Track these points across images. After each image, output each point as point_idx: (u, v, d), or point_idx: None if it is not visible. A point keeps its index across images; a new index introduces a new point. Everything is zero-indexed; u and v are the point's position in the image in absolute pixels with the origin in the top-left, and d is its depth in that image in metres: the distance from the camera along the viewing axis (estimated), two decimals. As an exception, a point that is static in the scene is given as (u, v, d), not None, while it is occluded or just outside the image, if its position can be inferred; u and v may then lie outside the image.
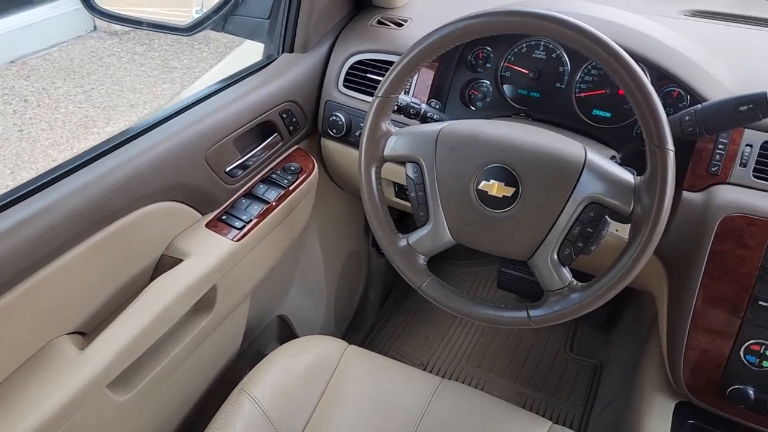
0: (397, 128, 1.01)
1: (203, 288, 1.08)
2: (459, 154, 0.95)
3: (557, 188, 0.89)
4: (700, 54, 1.14)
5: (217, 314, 1.15)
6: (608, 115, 1.18)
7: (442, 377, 1.19)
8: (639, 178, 0.87)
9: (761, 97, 0.89)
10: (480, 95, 1.29)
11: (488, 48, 1.27)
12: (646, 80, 0.82)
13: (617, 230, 1.12)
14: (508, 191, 0.92)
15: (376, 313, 2.05)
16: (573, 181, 0.88)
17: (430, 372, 1.85)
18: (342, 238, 1.72)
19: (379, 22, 1.38)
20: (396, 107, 1.11)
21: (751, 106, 0.90)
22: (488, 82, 1.27)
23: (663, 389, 1.20)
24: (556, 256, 0.92)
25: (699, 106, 0.96)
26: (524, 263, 0.96)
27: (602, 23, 1.14)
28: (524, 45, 1.25)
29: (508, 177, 0.92)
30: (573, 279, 0.93)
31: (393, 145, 1.00)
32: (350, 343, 1.25)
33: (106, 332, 0.94)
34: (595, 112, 1.19)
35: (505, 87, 1.27)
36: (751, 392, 1.04)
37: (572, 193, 0.89)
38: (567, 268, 0.93)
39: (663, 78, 1.10)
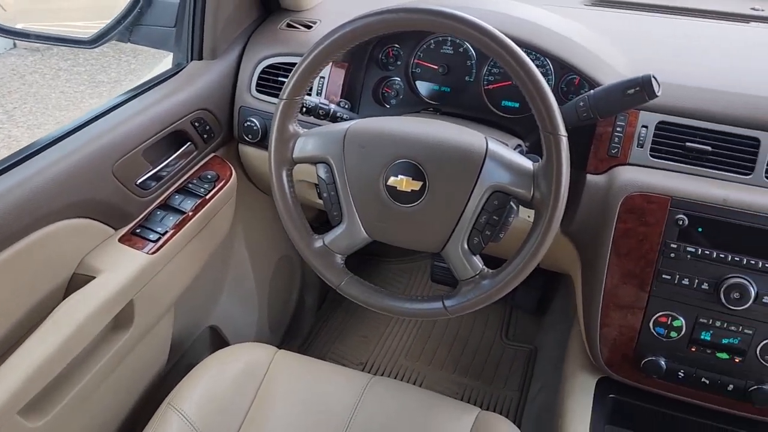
0: (306, 130, 1.02)
1: (119, 304, 1.06)
2: (367, 152, 0.96)
3: (462, 179, 0.91)
4: (598, 42, 1.18)
5: (137, 330, 1.13)
6: (516, 105, 1.21)
7: (381, 374, 1.20)
8: (537, 164, 0.89)
9: (646, 80, 0.93)
10: (393, 93, 1.31)
11: (397, 46, 1.28)
12: (535, 70, 0.85)
13: (529, 216, 1.15)
14: (416, 185, 0.93)
15: (314, 316, 2.05)
16: (476, 171, 0.91)
17: (369, 370, 1.86)
18: (271, 244, 1.71)
19: (289, 25, 1.38)
20: (304, 109, 1.11)
21: (637, 89, 0.94)
22: (400, 80, 1.29)
23: (585, 367, 1.24)
24: (466, 246, 0.94)
25: (591, 91, 1.00)
26: None
27: (500, 17, 1.17)
28: (432, 41, 1.27)
29: (415, 171, 0.93)
30: (484, 267, 0.95)
31: (301, 147, 1.00)
32: (288, 348, 1.25)
33: (15, 356, 0.91)
34: (504, 103, 1.22)
35: (418, 83, 1.29)
36: (662, 363, 1.09)
37: (476, 183, 0.91)
38: (478, 256, 0.96)
39: (563, 67, 1.13)
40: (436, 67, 1.27)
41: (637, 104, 0.96)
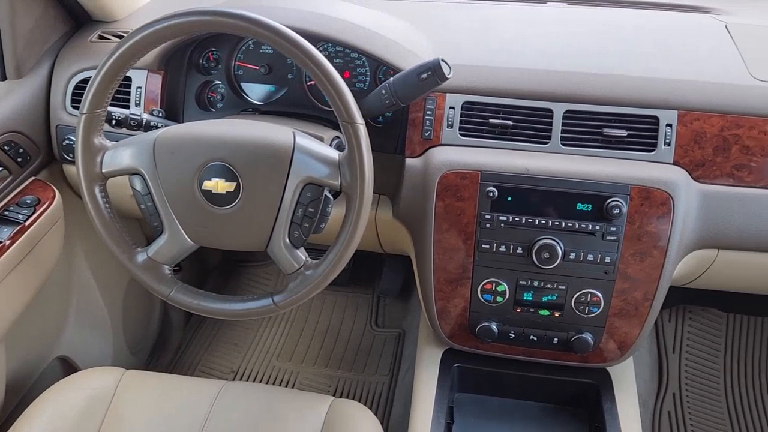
0: (113, 142, 0.99)
1: None
2: (178, 158, 0.95)
3: (274, 176, 0.93)
4: (401, 30, 1.23)
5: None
6: None
7: (254, 379, 1.19)
8: (342, 153, 0.93)
9: (436, 63, 0.99)
10: (218, 97, 1.30)
11: (214, 49, 1.28)
12: (327, 63, 0.88)
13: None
14: (231, 186, 0.94)
15: (182, 331, 2.00)
16: (286, 166, 0.92)
17: (240, 377, 1.84)
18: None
19: (101, 37, 1.33)
20: (114, 121, 1.08)
21: (429, 73, 0.99)
22: (222, 83, 1.29)
23: (431, 341, 1.30)
24: (288, 240, 0.96)
25: (391, 79, 1.04)
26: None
27: (294, 13, 1.20)
28: (251, 42, 1.28)
29: (227, 173, 0.94)
30: (308, 258, 0.97)
31: (110, 160, 0.97)
32: (156, 368, 1.21)
33: None
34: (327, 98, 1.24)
35: (243, 85, 1.29)
36: (494, 327, 1.17)
37: (288, 177, 0.93)
38: (302, 249, 0.98)
39: (374, 58, 1.17)
40: (257, 67, 1.27)
41: (433, 87, 1.02)
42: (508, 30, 1.27)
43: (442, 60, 1.00)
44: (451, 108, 1.13)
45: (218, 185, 0.94)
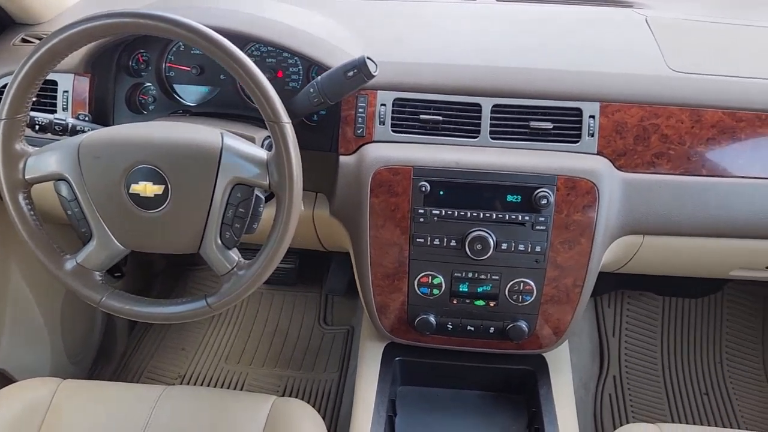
0: (36, 148, 0.97)
1: None
2: (103, 162, 0.94)
3: (202, 177, 0.92)
4: (332, 28, 1.24)
5: None
6: None
7: (202, 383, 1.18)
8: (270, 153, 0.93)
9: (361, 61, 1.00)
10: (149, 99, 1.28)
11: (143, 50, 1.26)
12: (250, 63, 0.88)
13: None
14: (159, 189, 0.93)
15: (126, 338, 1.97)
16: (215, 167, 0.92)
17: (188, 381, 1.82)
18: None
19: (24, 40, 1.30)
20: (38, 126, 1.06)
21: (355, 71, 1.01)
22: (153, 85, 1.27)
23: (373, 336, 1.31)
24: (219, 242, 0.95)
25: (319, 77, 1.05)
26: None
27: (231, 15, 1.19)
28: (181, 43, 1.26)
29: (154, 175, 0.93)
30: (240, 259, 0.97)
31: (33, 167, 0.95)
32: (100, 377, 1.19)
33: None
34: None
35: (176, 87, 1.28)
36: (432, 319, 1.19)
37: (217, 178, 0.92)
38: (235, 250, 0.97)
39: (305, 59, 1.18)
40: (189, 68, 1.26)
41: (360, 84, 1.03)
42: (437, 26, 1.29)
43: (368, 57, 1.01)
44: (382, 105, 1.14)
45: (146, 188, 0.93)
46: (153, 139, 0.93)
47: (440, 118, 1.13)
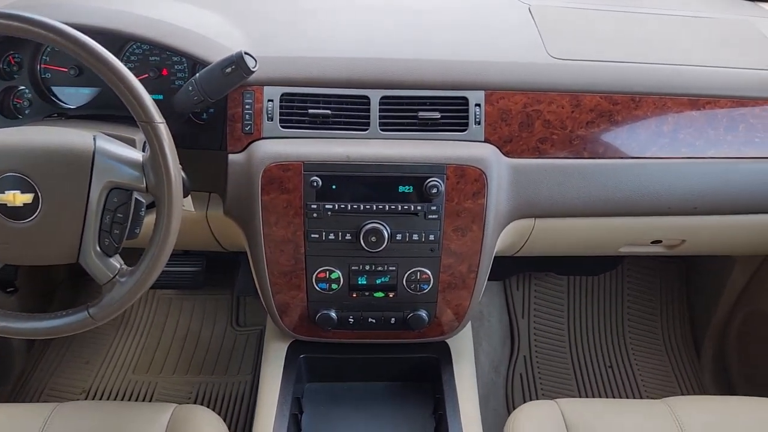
0: None
1: None
2: None
3: (74, 183, 0.88)
4: (214, 24, 1.21)
5: None
6: (161, 97, 1.20)
7: (108, 397, 1.12)
8: (145, 155, 0.90)
9: (239, 57, 0.98)
10: (25, 103, 1.22)
11: (14, 51, 1.19)
12: (115, 62, 0.84)
13: (184, 205, 1.15)
14: (28, 198, 0.88)
15: (24, 356, 1.86)
16: (87, 171, 0.88)
17: (93, 396, 1.75)
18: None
19: None
20: None
21: (233, 67, 0.98)
22: (28, 88, 1.20)
23: (276, 336, 1.30)
24: (99, 249, 0.91)
25: (197, 75, 1.02)
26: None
27: (107, 14, 1.15)
28: (55, 43, 1.20)
29: (22, 184, 0.88)
30: (122, 266, 0.93)
31: None
32: None
33: None
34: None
35: (55, 89, 1.22)
36: (333, 314, 1.18)
37: (90, 183, 0.88)
38: (116, 256, 0.94)
39: (187, 57, 1.14)
40: (66, 69, 1.20)
41: (240, 81, 1.01)
42: (324, 20, 1.28)
43: (246, 53, 0.99)
44: (269, 101, 1.12)
45: (15, 198, 0.88)
46: (19, 145, 0.88)
47: (329, 111, 1.12)
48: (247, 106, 1.12)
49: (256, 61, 1.00)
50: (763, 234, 1.33)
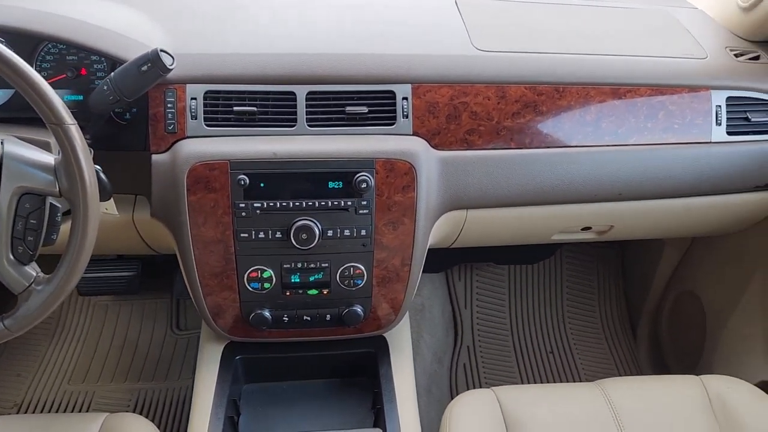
0: None
1: None
2: None
3: None
4: (139, 24, 1.17)
5: None
6: (80, 97, 1.16)
7: (42, 409, 1.08)
8: (57, 158, 0.86)
9: (155, 54, 0.95)
10: None
11: None
12: (21, 63, 0.81)
13: (106, 209, 1.12)
14: None
15: (-49, 372, 1.78)
16: None
17: (26, 409, 1.69)
18: None
19: None
20: None
21: (149, 65, 0.96)
22: None
23: (211, 338, 1.27)
24: (12, 257, 0.88)
25: (112, 74, 0.99)
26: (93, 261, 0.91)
27: (19, 13, 1.10)
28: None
29: None
30: (38, 273, 0.90)
31: None
32: None
33: None
34: (66, 98, 1.15)
35: None
36: (267, 314, 1.17)
37: None
38: (33, 264, 0.90)
39: (104, 56, 1.10)
40: None
41: (157, 79, 0.98)
42: (248, 16, 1.25)
43: (162, 50, 0.96)
44: (192, 99, 1.10)
45: None
46: None
47: (255, 108, 1.10)
48: (169, 105, 1.09)
49: (173, 58, 0.98)
50: (687, 217, 1.37)
